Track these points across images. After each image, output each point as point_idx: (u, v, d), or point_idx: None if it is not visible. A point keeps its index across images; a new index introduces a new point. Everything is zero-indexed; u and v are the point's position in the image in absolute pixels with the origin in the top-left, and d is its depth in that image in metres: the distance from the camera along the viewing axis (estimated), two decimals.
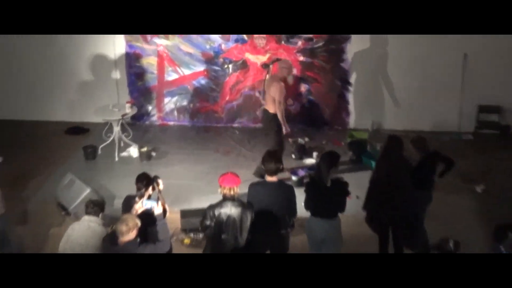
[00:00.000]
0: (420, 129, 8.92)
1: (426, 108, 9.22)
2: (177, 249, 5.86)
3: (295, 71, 8.64)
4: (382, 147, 6.06)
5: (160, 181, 5.23)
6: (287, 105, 7.66)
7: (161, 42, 9.32)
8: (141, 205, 4.95)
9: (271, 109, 7.41)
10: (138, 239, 4.65)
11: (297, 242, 5.96)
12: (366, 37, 8.90)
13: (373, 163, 6.68)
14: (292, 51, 9.14)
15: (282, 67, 7.49)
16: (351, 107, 9.45)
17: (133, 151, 8.59)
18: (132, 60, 9.48)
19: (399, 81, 9.16)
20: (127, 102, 8.70)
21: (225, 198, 4.92)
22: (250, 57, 9.29)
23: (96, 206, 5.39)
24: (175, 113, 9.79)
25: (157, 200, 4.99)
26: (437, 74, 9.03)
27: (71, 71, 9.64)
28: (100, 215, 5.40)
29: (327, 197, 5.23)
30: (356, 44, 9.00)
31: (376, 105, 9.38)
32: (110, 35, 9.17)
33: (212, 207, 4.95)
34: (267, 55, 9.21)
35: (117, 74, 9.63)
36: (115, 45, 9.39)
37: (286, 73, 7.50)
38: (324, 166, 5.21)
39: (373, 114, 9.45)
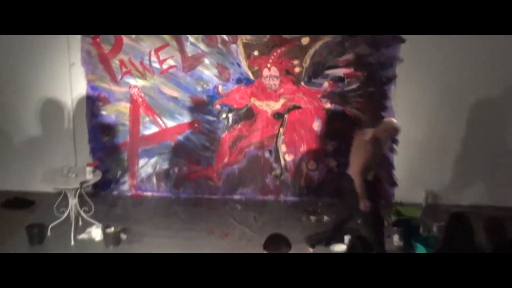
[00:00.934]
0: (493, 203, 8.96)
1: (503, 175, 9.23)
2: None
3: None
4: (442, 229, 6.00)
5: None
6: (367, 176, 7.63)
7: (136, 82, 9.42)
8: None
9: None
10: None
11: None
12: (417, 76, 8.99)
13: (429, 252, 6.59)
14: (315, 96, 9.24)
15: (385, 130, 7.58)
16: (398, 173, 9.45)
17: (96, 232, 8.51)
18: (95, 107, 9.54)
19: (465, 138, 9.19)
20: (88, 165, 8.60)
21: None
22: (257, 103, 9.38)
23: None
24: (154, 180, 9.82)
25: None
26: None
27: (12, 121, 9.72)
28: None
29: None
30: (404, 86, 9.05)
31: (431, 170, 9.36)
32: (65, 74, 9.36)
33: None
34: (281, 101, 9.31)
35: (74, 126, 9.66)
36: (72, 86, 9.47)
37: (388, 137, 7.71)
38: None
39: (428, 182, 9.42)
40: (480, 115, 9.04)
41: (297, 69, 9.15)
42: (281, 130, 9.36)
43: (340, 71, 9.09)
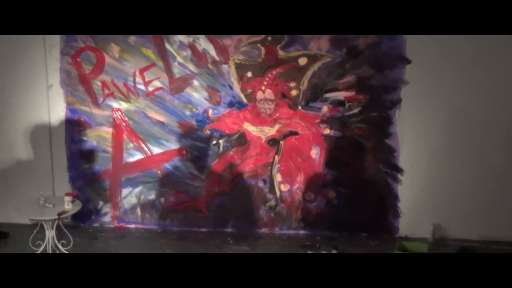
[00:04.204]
0: (505, 238, 8.65)
1: None
2: None
3: None
4: None
5: None
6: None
7: (119, 105, 9.15)
8: None
9: None
10: None
11: None
12: (423, 100, 8.66)
13: None
14: (313, 121, 8.90)
15: None
16: (402, 205, 9.09)
17: None
18: (75, 132, 9.28)
19: (476, 167, 8.82)
20: (67, 195, 8.31)
21: None
22: (250, 129, 9.05)
23: None
24: (138, 211, 9.52)
25: None
26: None
27: None
28: None
29: None
30: (409, 110, 8.73)
31: (439, 202, 9.01)
32: (42, 96, 9.11)
33: None
34: (276, 127, 8.98)
35: (52, 153, 9.39)
36: (50, 109, 9.21)
37: None
38: None
39: (435, 215, 9.05)
40: (492, 141, 8.73)
41: (293, 92, 8.81)
42: (276, 158, 9.02)
43: (340, 95, 8.75)
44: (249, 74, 8.77)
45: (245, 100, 8.92)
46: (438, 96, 8.58)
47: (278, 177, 9.11)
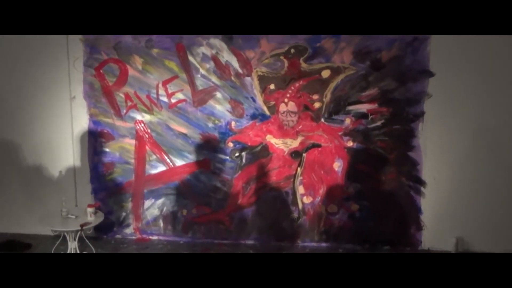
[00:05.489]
0: None
1: None
2: None
3: None
4: None
5: None
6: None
7: (142, 117, 9.15)
8: None
9: None
10: None
11: None
12: (447, 113, 8.59)
13: None
14: (336, 133, 8.85)
15: None
16: (425, 218, 9.02)
17: None
18: (97, 143, 9.28)
19: (499, 181, 8.73)
20: (89, 206, 8.40)
21: None
22: (273, 141, 9.00)
23: None
24: (160, 223, 9.49)
25: None
26: None
27: (8, 159, 9.49)
28: None
29: None
30: (432, 124, 8.67)
31: (462, 215, 8.93)
32: (65, 108, 9.14)
33: None
34: (299, 139, 8.93)
35: (74, 163, 9.40)
36: (73, 121, 9.22)
37: None
38: None
39: (458, 228, 8.96)
40: None
41: (316, 105, 8.77)
42: (299, 170, 8.98)
43: (363, 107, 8.71)
44: (272, 86, 8.75)
45: (268, 113, 8.89)
46: (462, 109, 8.52)
47: (300, 190, 9.05)
